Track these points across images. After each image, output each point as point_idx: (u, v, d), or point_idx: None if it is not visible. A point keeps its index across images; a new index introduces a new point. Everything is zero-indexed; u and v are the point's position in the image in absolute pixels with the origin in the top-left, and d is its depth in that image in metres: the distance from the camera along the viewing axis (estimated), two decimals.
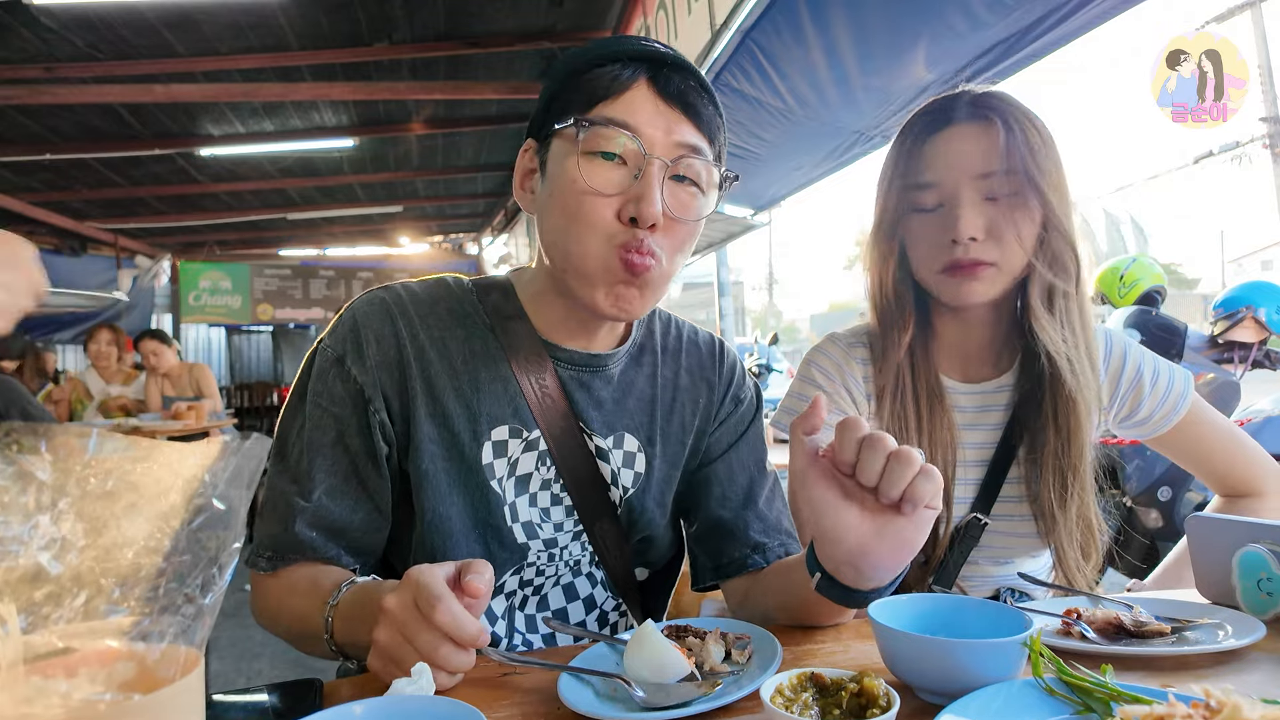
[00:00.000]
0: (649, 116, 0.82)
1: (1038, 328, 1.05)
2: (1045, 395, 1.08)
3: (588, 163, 0.82)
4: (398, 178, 7.81)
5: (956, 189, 1.03)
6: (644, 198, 0.80)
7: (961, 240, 1.01)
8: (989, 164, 1.02)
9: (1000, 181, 1.02)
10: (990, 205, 1.02)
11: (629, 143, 0.81)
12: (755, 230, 6.50)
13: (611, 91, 0.82)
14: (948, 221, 1.03)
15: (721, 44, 3.11)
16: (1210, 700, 0.50)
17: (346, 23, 4.47)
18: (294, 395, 0.91)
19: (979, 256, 1.02)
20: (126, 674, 0.43)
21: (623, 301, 0.84)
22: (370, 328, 0.89)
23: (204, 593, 0.45)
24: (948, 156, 1.04)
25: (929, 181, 1.05)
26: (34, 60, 4.51)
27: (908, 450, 0.66)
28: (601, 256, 0.82)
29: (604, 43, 0.86)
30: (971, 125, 1.04)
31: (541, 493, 0.93)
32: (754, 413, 1.06)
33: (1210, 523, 0.87)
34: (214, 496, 0.45)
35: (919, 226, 1.07)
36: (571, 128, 0.82)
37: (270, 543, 0.86)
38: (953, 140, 1.05)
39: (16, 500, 0.40)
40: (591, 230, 0.82)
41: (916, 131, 1.08)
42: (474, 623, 0.66)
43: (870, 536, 0.69)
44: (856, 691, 0.58)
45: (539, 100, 0.90)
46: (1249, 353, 3.25)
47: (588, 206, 0.82)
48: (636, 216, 0.80)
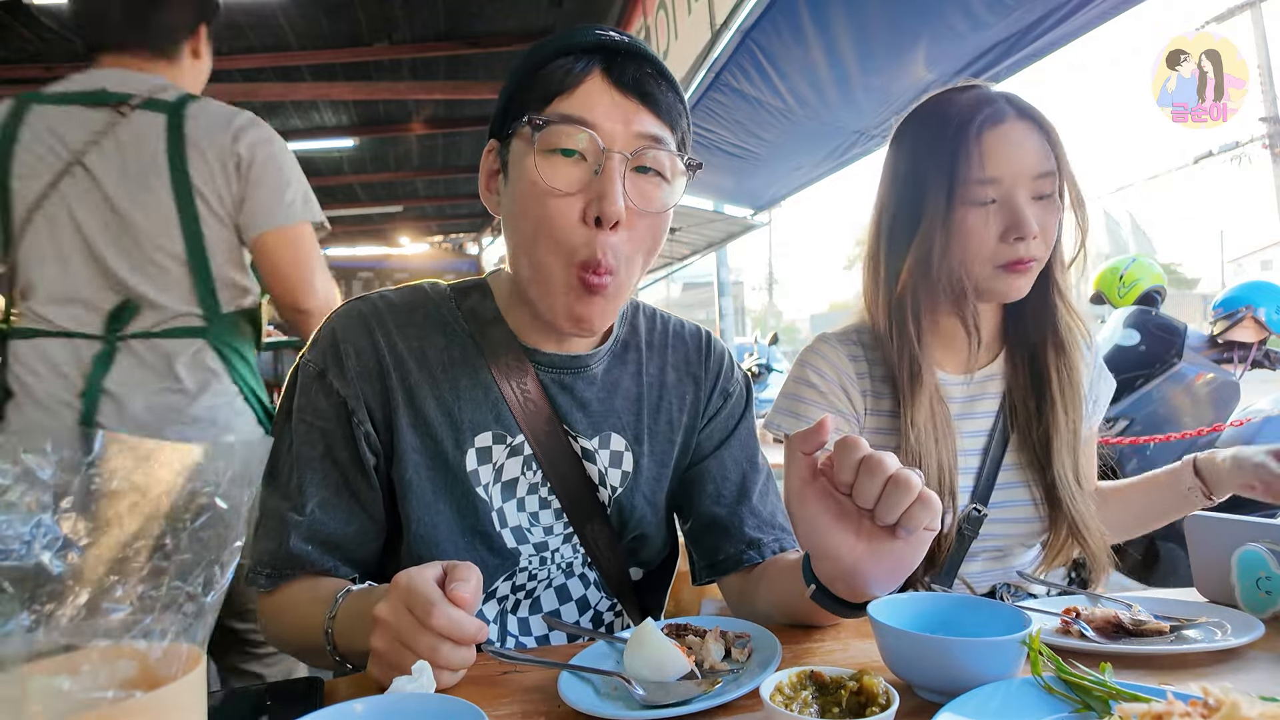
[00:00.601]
0: (606, 109, 0.80)
1: (1066, 311, 1.13)
2: (1052, 374, 1.12)
3: (545, 161, 0.80)
4: (398, 178, 7.81)
5: (1015, 186, 1.05)
6: (605, 195, 0.78)
7: (1027, 237, 1.04)
8: (1043, 164, 1.05)
9: (1047, 182, 1.06)
10: (1038, 204, 1.06)
11: (586, 138, 0.79)
12: (755, 230, 6.51)
13: (565, 86, 0.80)
14: (1009, 218, 1.04)
15: (721, 44, 3.11)
16: (1209, 698, 0.50)
17: (346, 23, 4.48)
18: (280, 414, 0.92)
19: (1035, 254, 1.06)
20: (129, 672, 0.43)
21: (583, 322, 0.83)
22: (349, 340, 0.89)
23: (206, 591, 0.45)
24: (1008, 153, 1.05)
25: (990, 177, 1.05)
26: (34, 60, 4.51)
27: (906, 475, 0.65)
28: (561, 277, 0.82)
29: (558, 36, 0.84)
30: (1023, 124, 1.06)
31: (529, 497, 0.92)
32: (744, 407, 1.05)
33: (1209, 522, 0.88)
34: (216, 496, 0.45)
35: (974, 221, 1.06)
36: (527, 127, 0.80)
37: (268, 559, 0.86)
38: (1010, 138, 1.05)
39: (20, 499, 0.40)
40: (554, 246, 0.81)
41: (971, 127, 1.06)
42: (472, 620, 0.66)
43: (865, 557, 0.69)
44: (856, 690, 0.58)
45: (499, 99, 0.88)
46: (1249, 353, 3.25)
47: (550, 210, 0.80)
48: (600, 216, 0.79)
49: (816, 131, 3.75)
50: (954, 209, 1.07)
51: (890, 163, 1.16)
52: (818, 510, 0.70)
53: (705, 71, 3.32)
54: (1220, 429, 3.05)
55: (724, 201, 5.86)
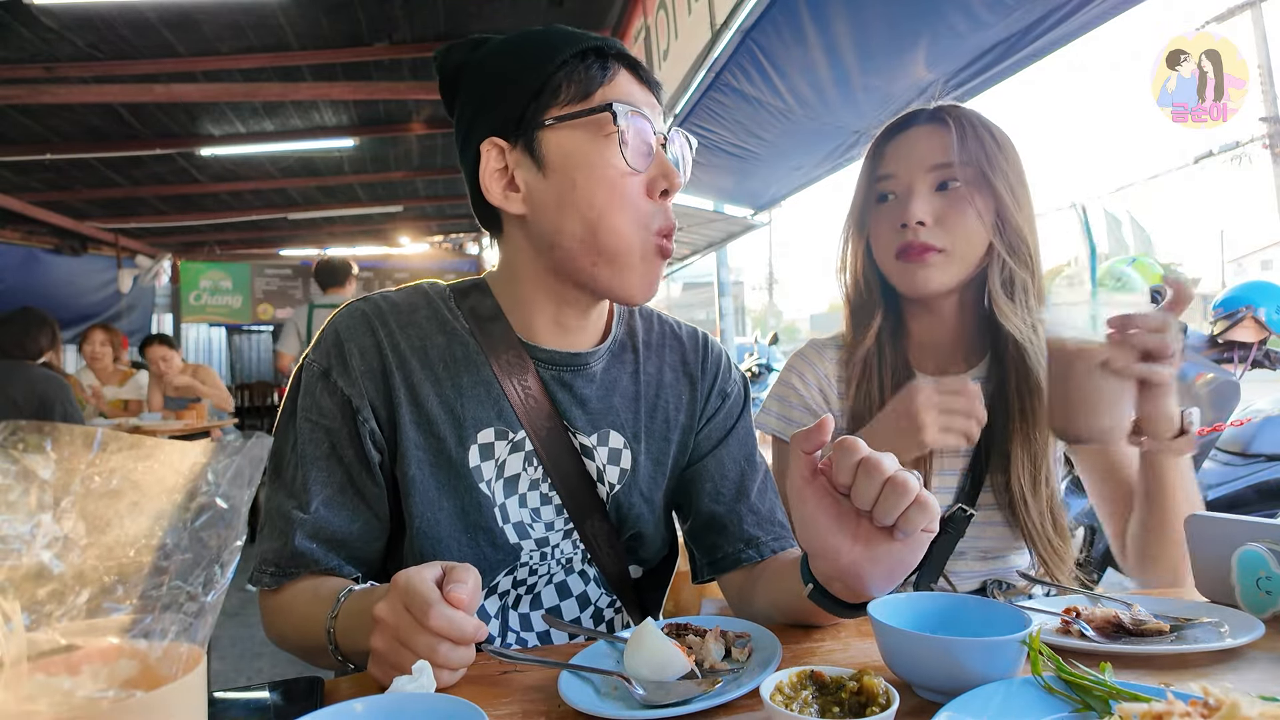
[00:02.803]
0: (643, 98, 0.89)
1: (1000, 314, 1.11)
2: (1010, 382, 1.13)
3: (621, 146, 0.85)
4: (398, 178, 7.80)
5: (910, 178, 1.10)
6: (669, 172, 0.87)
7: (910, 223, 1.08)
8: (941, 156, 1.09)
9: (951, 172, 1.08)
10: (941, 195, 1.09)
11: (647, 123, 0.87)
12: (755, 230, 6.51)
13: (603, 79, 0.86)
14: (900, 208, 1.10)
15: (721, 44, 3.11)
16: (1209, 698, 0.50)
17: (346, 23, 4.47)
18: (284, 414, 0.92)
19: (928, 241, 1.08)
20: (129, 671, 0.43)
21: (654, 286, 0.90)
22: (353, 340, 0.90)
23: (206, 591, 0.45)
24: (904, 150, 1.12)
25: (887, 173, 1.13)
26: (34, 60, 4.50)
27: (904, 478, 0.66)
28: (641, 246, 0.87)
29: (553, 39, 0.88)
30: (928, 126, 1.13)
31: (530, 493, 0.93)
32: (741, 406, 1.06)
33: (1209, 521, 0.88)
34: (216, 495, 0.45)
35: (877, 216, 1.16)
36: (601, 113, 0.84)
37: (273, 558, 0.87)
38: (910, 138, 1.13)
39: (20, 499, 0.40)
40: (634, 217, 0.86)
41: (881, 135, 1.17)
42: (470, 620, 0.66)
43: (862, 558, 0.69)
44: (856, 689, 0.58)
45: (497, 100, 0.88)
46: (1249, 352, 3.25)
47: (627, 188, 0.86)
48: (669, 189, 0.88)
49: (816, 131, 3.75)
50: (868, 208, 1.17)
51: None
52: (816, 509, 0.70)
53: (705, 71, 3.32)
54: (1220, 429, 3.05)
55: (724, 201, 5.85)
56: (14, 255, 8.34)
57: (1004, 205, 1.08)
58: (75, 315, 8.40)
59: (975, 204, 1.07)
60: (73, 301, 8.70)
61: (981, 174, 1.08)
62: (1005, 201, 1.08)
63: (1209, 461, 3.19)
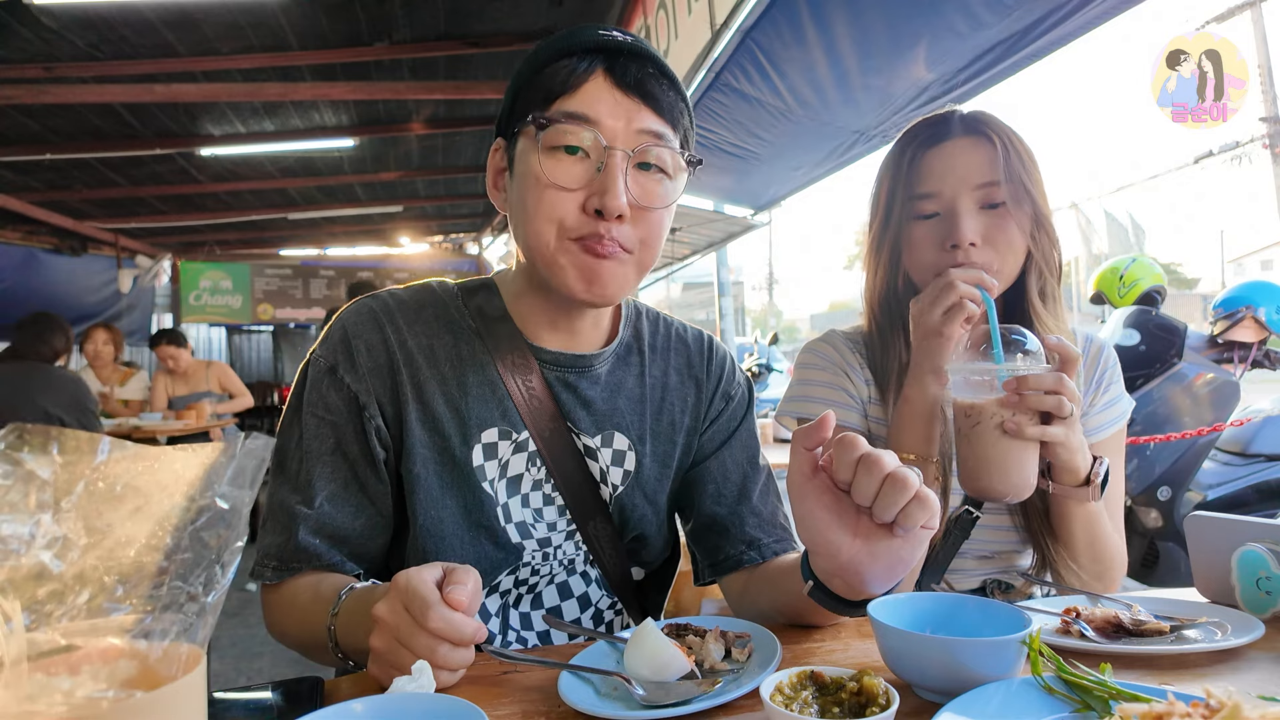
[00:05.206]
0: (609, 108, 0.83)
1: (1038, 323, 1.10)
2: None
3: (550, 159, 0.82)
4: (398, 178, 7.79)
5: (956, 197, 1.07)
6: (608, 190, 0.81)
7: (963, 245, 1.05)
8: (986, 174, 1.06)
9: (996, 190, 1.06)
10: (986, 213, 1.07)
11: (590, 136, 0.82)
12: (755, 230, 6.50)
13: (569, 86, 0.83)
14: (948, 228, 1.07)
15: (721, 44, 3.11)
16: (1211, 700, 0.50)
17: (346, 23, 4.47)
18: (289, 409, 0.92)
19: (978, 261, 1.06)
20: (129, 672, 0.43)
21: (595, 284, 0.84)
22: (360, 336, 0.90)
23: (206, 591, 0.45)
24: (947, 167, 1.09)
25: (929, 192, 1.09)
26: (34, 60, 4.50)
27: (904, 474, 0.65)
28: (560, 245, 0.84)
29: (562, 36, 0.87)
30: (967, 139, 1.10)
31: (533, 493, 0.93)
32: (745, 409, 1.07)
33: (1209, 522, 0.88)
34: (217, 496, 0.45)
35: (920, 234, 1.11)
36: (531, 125, 0.83)
37: (275, 552, 0.86)
38: (951, 153, 1.09)
39: (20, 499, 0.40)
40: (550, 223, 0.83)
41: (915, 146, 1.13)
42: (469, 622, 0.66)
43: (863, 554, 0.69)
44: (856, 690, 0.58)
45: (505, 99, 0.91)
46: (1249, 352, 3.25)
47: (549, 200, 0.82)
48: (601, 209, 0.81)
49: (816, 131, 3.75)
50: (905, 224, 1.12)
51: (873, 182, 1.22)
52: (817, 506, 0.70)
53: (705, 71, 3.31)
54: (1220, 429, 3.06)
55: (724, 201, 5.85)
56: (14, 255, 8.33)
57: (1041, 216, 1.08)
58: (75, 315, 8.39)
59: (1017, 219, 1.07)
60: (73, 302, 8.69)
61: (1024, 189, 1.07)
62: (1042, 213, 1.08)
63: (1209, 461, 3.20)
